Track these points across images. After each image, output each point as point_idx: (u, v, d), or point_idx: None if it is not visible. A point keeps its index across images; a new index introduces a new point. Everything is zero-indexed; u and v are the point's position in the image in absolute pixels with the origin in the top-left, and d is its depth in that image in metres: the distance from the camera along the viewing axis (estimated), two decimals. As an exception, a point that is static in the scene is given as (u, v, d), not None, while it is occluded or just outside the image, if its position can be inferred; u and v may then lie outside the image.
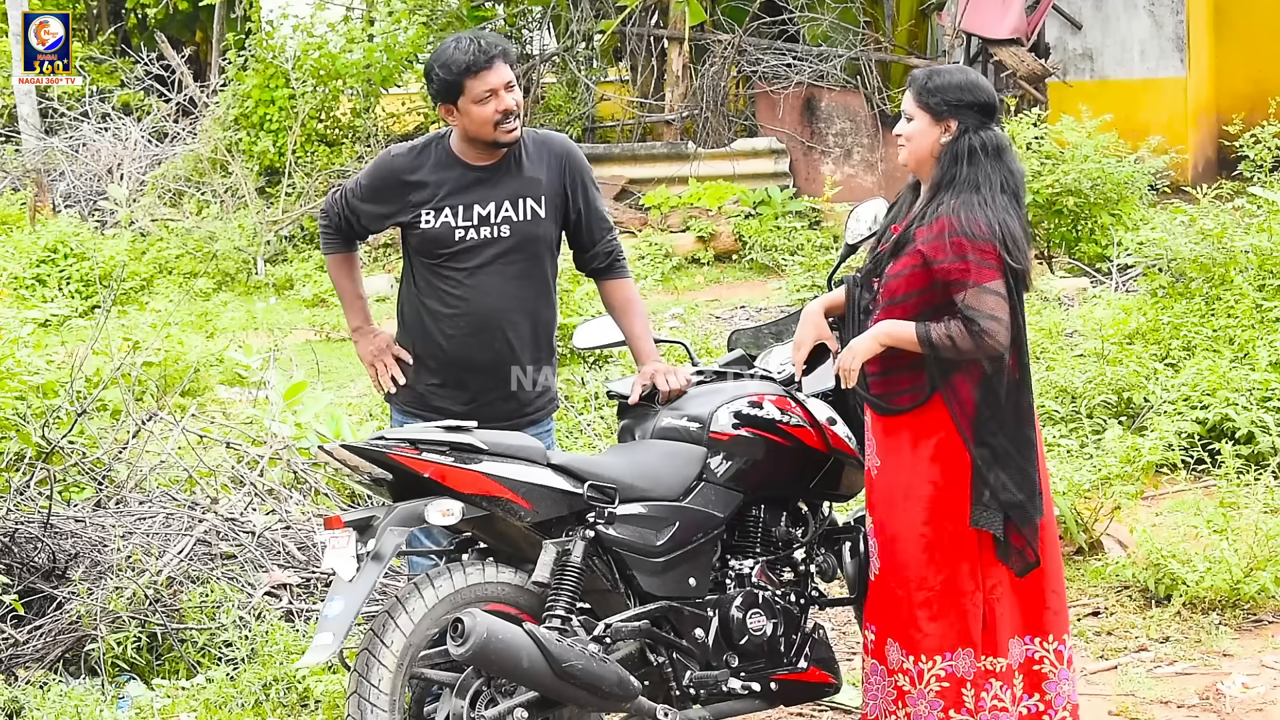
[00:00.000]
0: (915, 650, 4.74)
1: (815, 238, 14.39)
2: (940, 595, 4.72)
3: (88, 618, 5.94)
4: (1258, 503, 6.85)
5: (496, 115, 4.98)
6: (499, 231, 5.06)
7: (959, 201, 4.63)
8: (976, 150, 4.67)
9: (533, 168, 5.12)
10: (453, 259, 5.06)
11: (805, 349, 4.97)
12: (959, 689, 4.73)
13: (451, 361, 5.10)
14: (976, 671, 4.74)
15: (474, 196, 5.06)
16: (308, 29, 16.69)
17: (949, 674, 4.73)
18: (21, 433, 6.78)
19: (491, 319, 5.07)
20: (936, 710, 4.73)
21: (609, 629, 4.65)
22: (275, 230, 15.51)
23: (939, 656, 4.73)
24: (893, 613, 4.80)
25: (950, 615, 4.73)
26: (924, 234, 4.66)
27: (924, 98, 4.73)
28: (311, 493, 7.19)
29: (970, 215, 4.60)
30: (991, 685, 4.75)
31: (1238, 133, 11.45)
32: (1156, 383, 8.38)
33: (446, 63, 4.99)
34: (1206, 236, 9.14)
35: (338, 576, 4.44)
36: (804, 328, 4.98)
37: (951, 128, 4.71)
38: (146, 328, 9.58)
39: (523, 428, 5.09)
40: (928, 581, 4.73)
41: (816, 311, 4.97)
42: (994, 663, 4.76)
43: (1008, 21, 15.06)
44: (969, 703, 4.73)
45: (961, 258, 4.59)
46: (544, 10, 16.99)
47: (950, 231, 4.60)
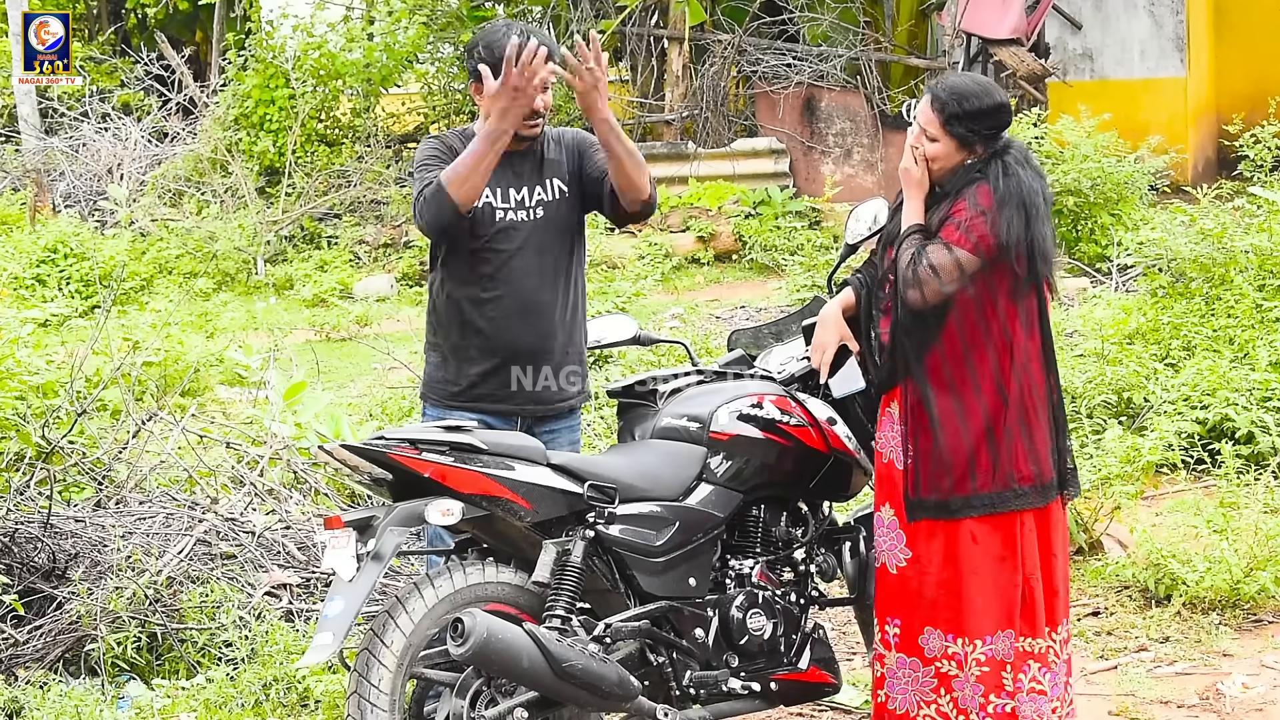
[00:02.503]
0: (961, 633, 4.78)
1: (815, 238, 14.39)
2: (984, 578, 4.76)
3: (88, 618, 5.94)
4: (1258, 503, 6.85)
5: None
6: (534, 213, 5.13)
7: (975, 184, 4.76)
8: (1012, 166, 4.78)
9: (554, 153, 5.22)
10: (492, 241, 5.10)
11: (831, 350, 4.99)
12: (999, 672, 4.77)
13: (496, 347, 5.12)
14: (1016, 653, 4.79)
15: (507, 180, 5.12)
16: (308, 29, 16.70)
17: (989, 658, 4.76)
18: (21, 433, 6.78)
19: (532, 300, 5.12)
20: (978, 695, 4.76)
21: (609, 629, 4.65)
22: (275, 230, 15.51)
23: (979, 641, 4.76)
24: (931, 599, 4.82)
25: (993, 596, 4.77)
26: (945, 211, 4.78)
27: (952, 126, 4.78)
28: (311, 493, 7.19)
29: (981, 189, 4.73)
30: (1030, 667, 4.80)
31: (1238, 133, 11.45)
32: (1156, 383, 8.38)
33: (491, 45, 5.05)
34: (1206, 236, 9.14)
35: (338, 576, 4.44)
36: (826, 330, 4.99)
37: (979, 152, 4.80)
38: (146, 328, 9.59)
39: (562, 416, 5.19)
40: (973, 564, 4.77)
41: (836, 313, 4.99)
42: (1032, 644, 4.81)
43: (1008, 21, 15.06)
44: (1008, 685, 4.77)
45: (954, 220, 4.72)
46: (544, 10, 16.99)
47: (964, 197, 4.74)
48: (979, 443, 4.75)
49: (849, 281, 5.01)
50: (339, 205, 15.98)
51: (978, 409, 4.76)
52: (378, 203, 15.97)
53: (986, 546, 4.78)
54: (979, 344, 4.76)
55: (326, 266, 15.01)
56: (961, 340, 4.76)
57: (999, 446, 4.76)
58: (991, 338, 4.77)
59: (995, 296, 4.76)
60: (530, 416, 5.13)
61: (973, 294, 4.74)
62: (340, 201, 15.97)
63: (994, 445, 4.76)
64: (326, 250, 15.42)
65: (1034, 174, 4.83)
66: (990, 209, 4.71)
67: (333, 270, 14.85)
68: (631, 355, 9.61)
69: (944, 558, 4.80)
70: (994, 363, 4.76)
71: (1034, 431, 4.80)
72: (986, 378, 4.76)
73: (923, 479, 4.80)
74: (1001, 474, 4.76)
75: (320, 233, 15.81)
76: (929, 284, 4.69)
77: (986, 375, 4.76)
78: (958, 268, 4.69)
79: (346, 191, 16.05)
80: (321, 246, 15.59)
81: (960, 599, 4.78)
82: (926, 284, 4.69)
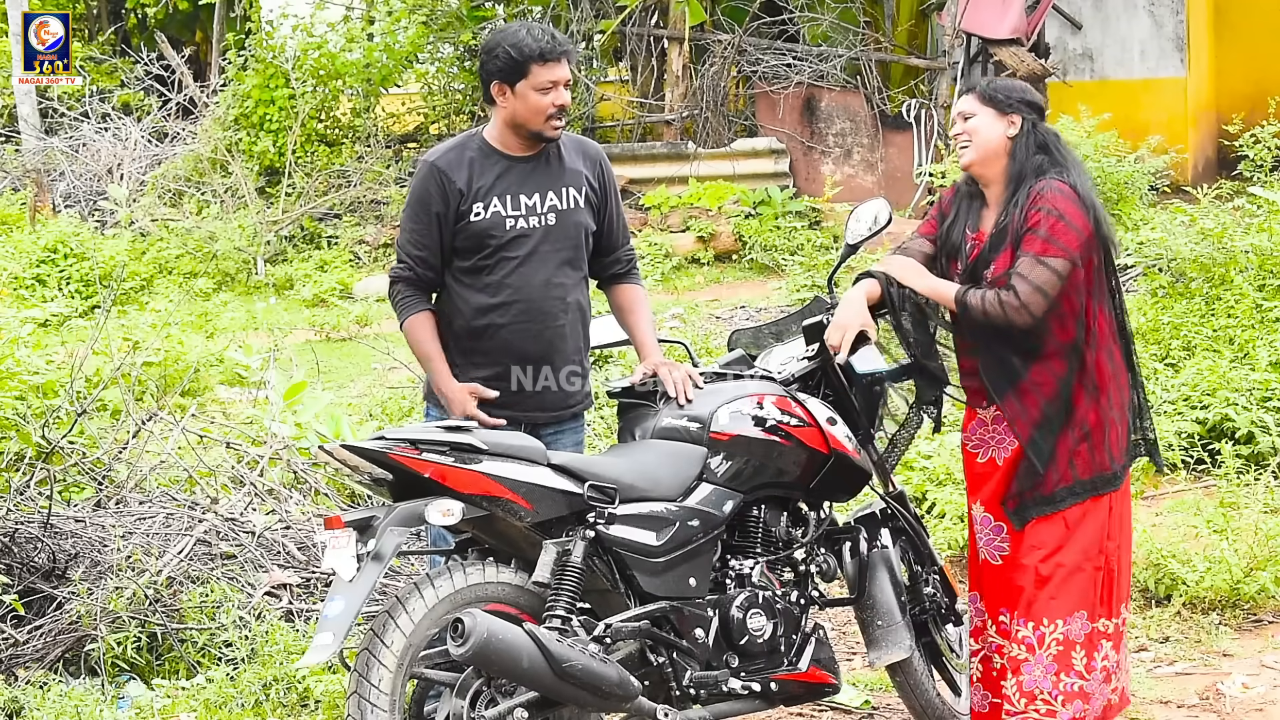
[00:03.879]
0: (1036, 617, 4.93)
1: (815, 238, 14.39)
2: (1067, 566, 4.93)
3: (88, 618, 5.94)
4: (1258, 503, 6.85)
5: (551, 108, 5.06)
6: (546, 220, 5.12)
7: (1046, 181, 4.89)
8: (1050, 140, 4.98)
9: (571, 161, 5.21)
10: (503, 249, 5.09)
11: (852, 331, 5.02)
12: (1069, 651, 4.91)
13: (506, 351, 5.12)
14: (1088, 633, 4.92)
15: (518, 187, 5.11)
16: (308, 29, 16.70)
17: (1066, 638, 4.92)
18: (21, 433, 6.78)
19: (541, 306, 5.12)
20: (1050, 674, 4.92)
21: (609, 629, 4.64)
22: (275, 230, 15.52)
23: (1060, 621, 4.92)
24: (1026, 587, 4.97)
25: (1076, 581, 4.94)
26: (1017, 219, 4.89)
27: (987, 93, 4.99)
28: (311, 493, 7.20)
29: (1057, 194, 4.86)
30: (1102, 646, 4.95)
31: (1238, 133, 11.46)
32: (1156, 383, 8.39)
33: (518, 44, 5.04)
34: (1206, 236, 9.14)
35: (338, 576, 4.43)
36: (848, 310, 5.03)
37: (1016, 122, 4.96)
38: (146, 328, 9.60)
39: (565, 421, 5.20)
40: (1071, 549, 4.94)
41: (861, 298, 5.05)
42: (1106, 624, 4.96)
43: (1008, 21, 15.06)
44: (1079, 664, 4.91)
45: (1036, 231, 4.83)
46: (544, 10, 16.98)
47: (1037, 205, 4.86)
48: (1079, 432, 4.92)
49: (873, 274, 5.09)
50: (339, 205, 15.98)
51: (1080, 398, 4.92)
52: (378, 203, 15.98)
53: (1082, 531, 4.94)
54: (1070, 337, 4.92)
55: (326, 266, 15.02)
56: (1053, 337, 4.91)
57: (1095, 433, 4.93)
58: (1082, 326, 4.93)
59: (1079, 286, 4.91)
60: (535, 422, 5.13)
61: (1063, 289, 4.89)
62: (340, 201, 15.97)
63: (1090, 433, 4.92)
64: (326, 250, 15.43)
65: (1073, 155, 5.03)
66: (1067, 211, 4.84)
67: (333, 270, 14.85)
68: (631, 355, 9.60)
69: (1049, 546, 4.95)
70: (1085, 352, 4.93)
71: (1120, 412, 4.98)
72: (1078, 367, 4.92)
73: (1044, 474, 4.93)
74: (1100, 459, 4.93)
75: (320, 233, 15.81)
76: (1033, 303, 4.82)
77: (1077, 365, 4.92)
78: (1056, 276, 4.83)
79: (346, 191, 16.05)
80: (321, 246, 15.59)
81: (1050, 584, 4.93)
82: (1032, 304, 4.81)
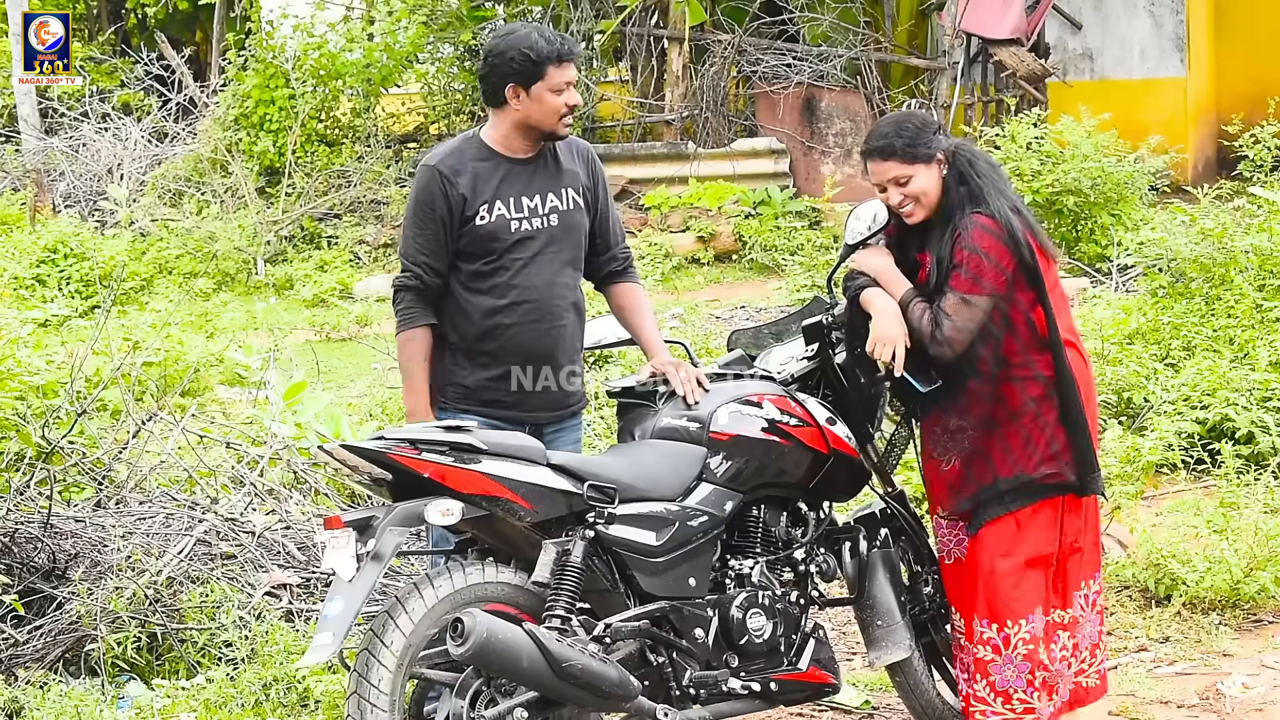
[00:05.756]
0: (1000, 619, 4.96)
1: (815, 238, 14.39)
2: (1021, 565, 4.97)
3: (88, 618, 5.94)
4: (1258, 503, 6.85)
5: (565, 109, 5.09)
6: (548, 221, 5.15)
7: (966, 219, 4.93)
8: (964, 167, 5.00)
9: (568, 162, 5.24)
10: (508, 251, 5.11)
11: (902, 345, 4.94)
12: (1037, 649, 4.96)
13: (512, 351, 5.14)
14: (1045, 626, 4.97)
15: (520, 189, 5.14)
16: (308, 29, 16.69)
17: (1032, 636, 4.95)
18: (21, 433, 6.78)
19: (546, 306, 5.15)
20: (1024, 673, 4.96)
21: (609, 629, 4.65)
22: (275, 230, 15.51)
23: (1023, 621, 4.95)
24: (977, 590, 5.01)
25: (1031, 579, 4.98)
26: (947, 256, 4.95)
27: (911, 151, 4.98)
28: (311, 493, 7.19)
29: (978, 229, 4.90)
30: (1059, 637, 5.01)
31: (1238, 133, 11.45)
32: (1156, 383, 8.39)
33: (532, 46, 5.06)
34: (1206, 236, 9.14)
35: (338, 576, 4.44)
36: (891, 323, 4.94)
37: (943, 160, 5.01)
38: (146, 328, 9.59)
39: (564, 420, 5.21)
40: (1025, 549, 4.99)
41: (896, 309, 4.99)
42: (1061, 615, 5.02)
43: (1008, 21, 15.06)
44: (1043, 658, 4.96)
45: (960, 270, 4.89)
46: (544, 10, 16.98)
47: (960, 244, 4.91)
48: (1018, 432, 4.95)
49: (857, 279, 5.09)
50: (339, 205, 15.98)
51: (1012, 402, 4.96)
52: (378, 203, 15.97)
53: (1033, 530, 4.98)
54: (1013, 347, 4.96)
55: (326, 266, 15.02)
56: (996, 350, 4.94)
57: (1034, 435, 4.96)
58: (1019, 336, 4.96)
59: (1016, 302, 4.96)
60: (537, 422, 5.14)
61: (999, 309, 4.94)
62: (340, 201, 15.97)
63: (1029, 436, 4.96)
64: (326, 250, 15.42)
65: (992, 165, 5.07)
66: (989, 248, 4.88)
67: (333, 270, 14.85)
68: (631, 355, 9.61)
69: (1003, 548, 4.99)
70: (1025, 358, 4.96)
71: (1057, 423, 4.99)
72: (1017, 374, 4.96)
73: (994, 470, 4.98)
74: (1047, 459, 4.95)
75: (320, 233, 15.81)
76: (955, 340, 4.87)
77: (1014, 372, 4.96)
78: (979, 313, 4.88)
79: (346, 191, 16.05)
80: (321, 246, 15.59)
81: (1007, 585, 4.97)
82: (954, 341, 4.87)
